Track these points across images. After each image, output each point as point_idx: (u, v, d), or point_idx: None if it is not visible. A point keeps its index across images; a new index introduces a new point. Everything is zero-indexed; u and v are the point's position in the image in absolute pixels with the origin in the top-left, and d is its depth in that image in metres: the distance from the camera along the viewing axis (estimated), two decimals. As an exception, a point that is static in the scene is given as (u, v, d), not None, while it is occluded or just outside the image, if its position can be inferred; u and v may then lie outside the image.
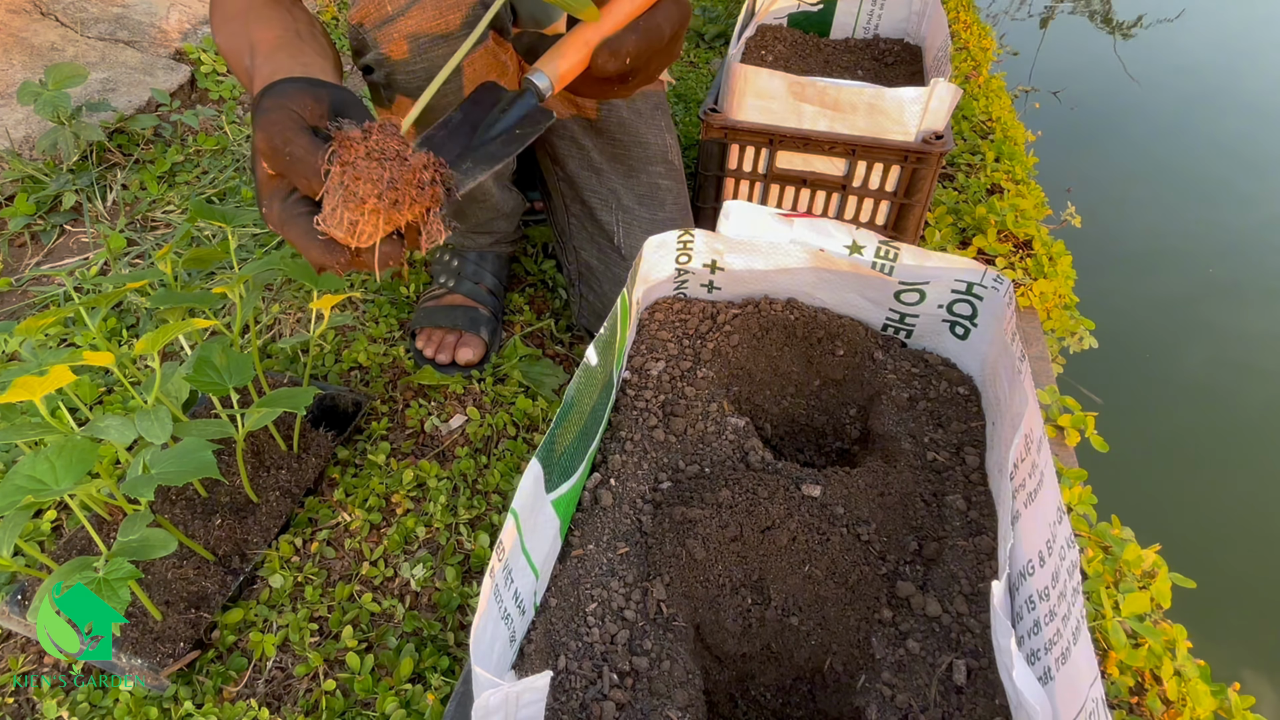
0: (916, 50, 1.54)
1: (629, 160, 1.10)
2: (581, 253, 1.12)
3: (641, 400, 0.74)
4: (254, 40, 0.75)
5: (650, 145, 1.10)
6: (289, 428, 0.96)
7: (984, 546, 0.60)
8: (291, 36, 0.75)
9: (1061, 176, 2.15)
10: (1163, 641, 0.81)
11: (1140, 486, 1.52)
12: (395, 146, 0.49)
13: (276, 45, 0.74)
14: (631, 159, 1.10)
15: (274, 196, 0.55)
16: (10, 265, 1.34)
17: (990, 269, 0.69)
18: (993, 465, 0.65)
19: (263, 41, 0.74)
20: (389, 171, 0.48)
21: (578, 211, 1.12)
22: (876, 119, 1.15)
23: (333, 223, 0.48)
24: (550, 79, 0.58)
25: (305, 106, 0.55)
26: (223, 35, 0.79)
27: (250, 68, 0.73)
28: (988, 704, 0.51)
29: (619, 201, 1.09)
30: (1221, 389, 1.74)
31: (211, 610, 0.81)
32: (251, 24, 0.77)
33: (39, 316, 0.77)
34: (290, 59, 0.70)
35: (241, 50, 0.76)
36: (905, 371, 0.77)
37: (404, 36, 0.85)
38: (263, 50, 0.73)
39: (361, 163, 0.48)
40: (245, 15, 0.78)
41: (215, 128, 1.67)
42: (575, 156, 1.11)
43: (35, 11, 1.83)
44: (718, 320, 0.81)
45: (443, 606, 0.85)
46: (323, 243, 0.51)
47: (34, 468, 0.65)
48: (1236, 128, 2.65)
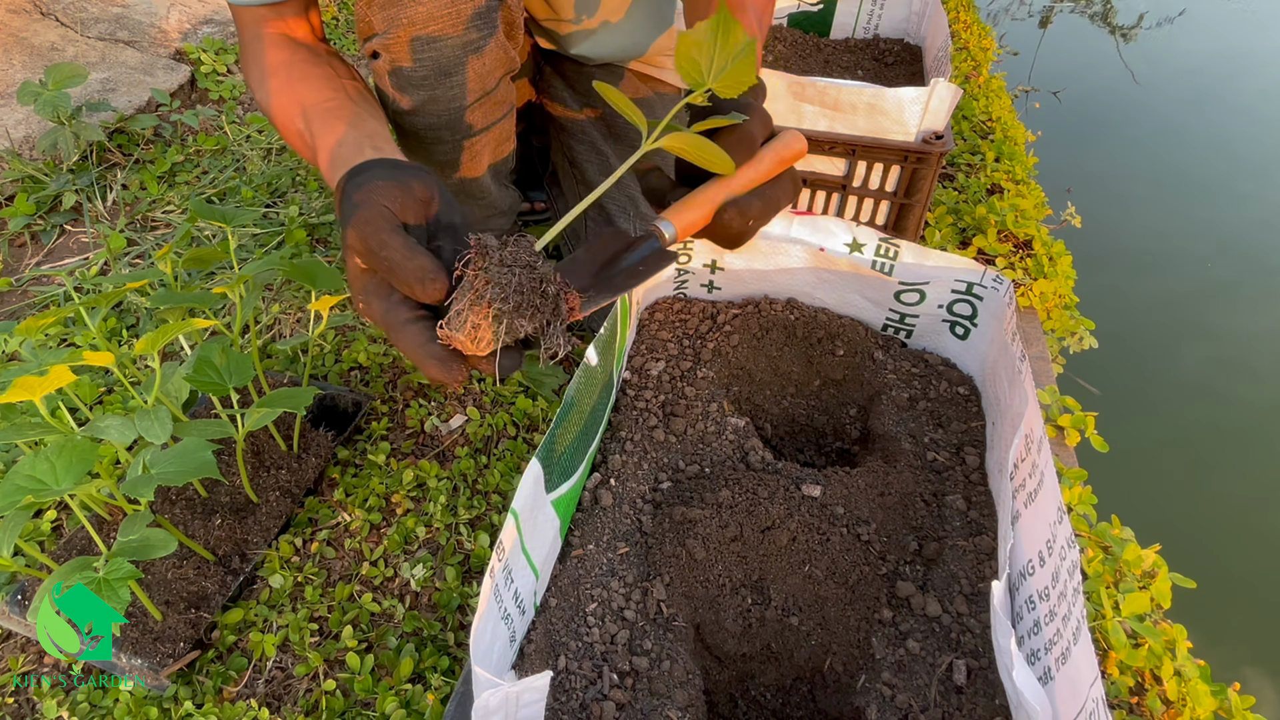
0: (916, 50, 1.54)
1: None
2: None
3: (641, 400, 0.74)
4: (304, 103, 0.72)
5: (668, 153, 1.10)
6: (289, 428, 0.96)
7: (984, 546, 0.60)
8: (343, 99, 0.73)
9: (1061, 176, 2.15)
10: (1163, 641, 0.81)
11: (1140, 486, 1.52)
12: (527, 258, 0.50)
13: (331, 111, 0.71)
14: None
15: (371, 294, 0.53)
16: (10, 265, 1.34)
17: (990, 269, 0.69)
18: (993, 465, 0.65)
19: (315, 106, 0.72)
20: (518, 278, 0.49)
21: (595, 216, 1.12)
22: (876, 119, 1.15)
23: (456, 325, 0.48)
24: (676, 229, 0.60)
25: (395, 201, 0.54)
26: (265, 93, 0.76)
27: (308, 136, 0.71)
28: (988, 704, 0.51)
29: (637, 209, 1.09)
30: (1222, 389, 1.74)
31: (211, 610, 0.81)
32: (296, 83, 0.74)
33: (39, 316, 0.77)
34: (353, 130, 0.68)
35: (290, 113, 0.73)
36: (905, 371, 0.77)
37: (412, 26, 0.83)
38: (317, 115, 0.71)
39: (494, 268, 0.49)
40: (286, 72, 0.75)
41: (215, 128, 1.67)
42: (594, 162, 1.10)
43: (35, 11, 1.83)
44: (718, 320, 0.81)
45: (443, 606, 0.85)
46: (441, 356, 0.49)
47: (34, 468, 0.65)
48: (1237, 127, 2.65)
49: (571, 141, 1.12)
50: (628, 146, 1.09)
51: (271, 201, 1.45)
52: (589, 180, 1.11)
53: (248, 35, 0.81)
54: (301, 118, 0.72)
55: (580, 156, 1.11)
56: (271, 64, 0.76)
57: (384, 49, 0.85)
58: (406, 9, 0.82)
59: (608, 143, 1.10)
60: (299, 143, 0.74)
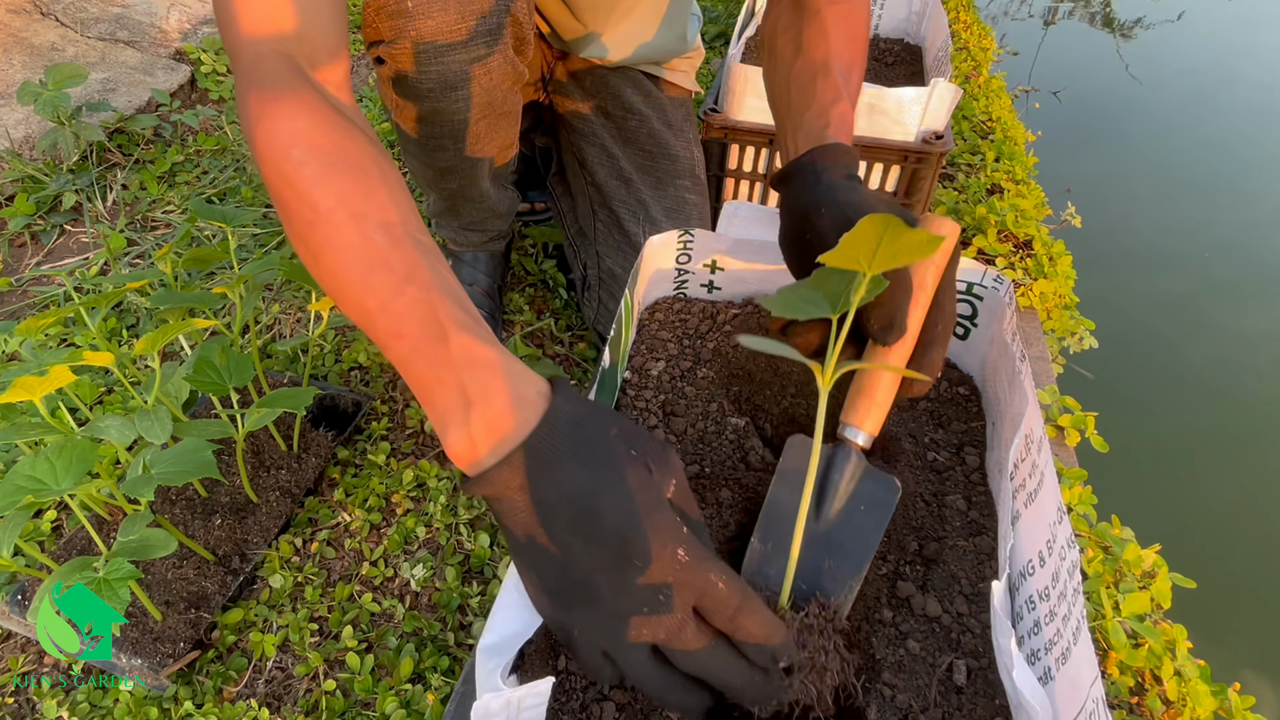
0: (916, 50, 1.54)
1: (657, 172, 1.09)
2: (605, 259, 1.11)
3: (641, 400, 0.74)
4: (385, 219, 0.51)
5: (680, 159, 1.09)
6: (289, 428, 0.96)
7: (984, 546, 0.60)
8: (416, 221, 0.53)
9: (1061, 176, 2.15)
10: (1163, 641, 0.81)
11: (1140, 486, 1.52)
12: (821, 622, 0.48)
13: (424, 256, 0.51)
14: (660, 171, 1.09)
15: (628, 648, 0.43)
16: (10, 265, 1.34)
17: (990, 269, 0.69)
18: (993, 465, 0.65)
19: (394, 224, 0.51)
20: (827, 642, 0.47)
21: (605, 218, 1.11)
22: (876, 119, 1.15)
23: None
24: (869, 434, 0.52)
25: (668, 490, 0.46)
26: (298, 183, 0.51)
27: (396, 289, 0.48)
28: (988, 704, 0.51)
29: (647, 213, 1.08)
30: (1222, 388, 1.74)
31: (211, 610, 0.80)
32: (348, 189, 0.51)
33: (39, 316, 0.77)
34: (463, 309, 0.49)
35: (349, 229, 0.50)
36: (905, 371, 0.76)
37: (419, 38, 0.80)
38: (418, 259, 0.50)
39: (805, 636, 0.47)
40: (334, 169, 0.52)
41: (215, 128, 1.67)
42: (604, 164, 1.10)
43: (35, 11, 1.83)
44: (718, 320, 0.81)
45: (443, 606, 0.85)
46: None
47: (34, 468, 0.65)
48: (1236, 127, 2.65)
49: (582, 143, 1.11)
50: (638, 149, 1.08)
51: (271, 201, 1.45)
52: (599, 183, 1.10)
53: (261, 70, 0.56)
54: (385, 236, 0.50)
55: (590, 158, 1.10)
56: (307, 144, 0.52)
57: (389, 57, 0.84)
58: (415, 21, 0.79)
59: (619, 144, 1.09)
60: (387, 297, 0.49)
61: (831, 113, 0.65)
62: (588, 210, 1.13)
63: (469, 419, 0.46)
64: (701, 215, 1.11)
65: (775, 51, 0.76)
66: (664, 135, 1.08)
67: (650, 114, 1.08)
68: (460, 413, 0.46)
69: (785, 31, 0.74)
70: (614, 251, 1.10)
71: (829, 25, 0.71)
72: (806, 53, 0.70)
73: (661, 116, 1.09)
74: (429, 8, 0.79)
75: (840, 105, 0.65)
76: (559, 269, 1.29)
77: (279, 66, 0.56)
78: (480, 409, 0.46)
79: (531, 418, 0.46)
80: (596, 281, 1.13)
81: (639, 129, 1.08)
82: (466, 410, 0.46)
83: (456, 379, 0.46)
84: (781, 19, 0.77)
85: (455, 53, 0.82)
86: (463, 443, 0.46)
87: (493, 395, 0.46)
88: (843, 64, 0.69)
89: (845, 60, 0.70)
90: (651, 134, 1.07)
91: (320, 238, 0.50)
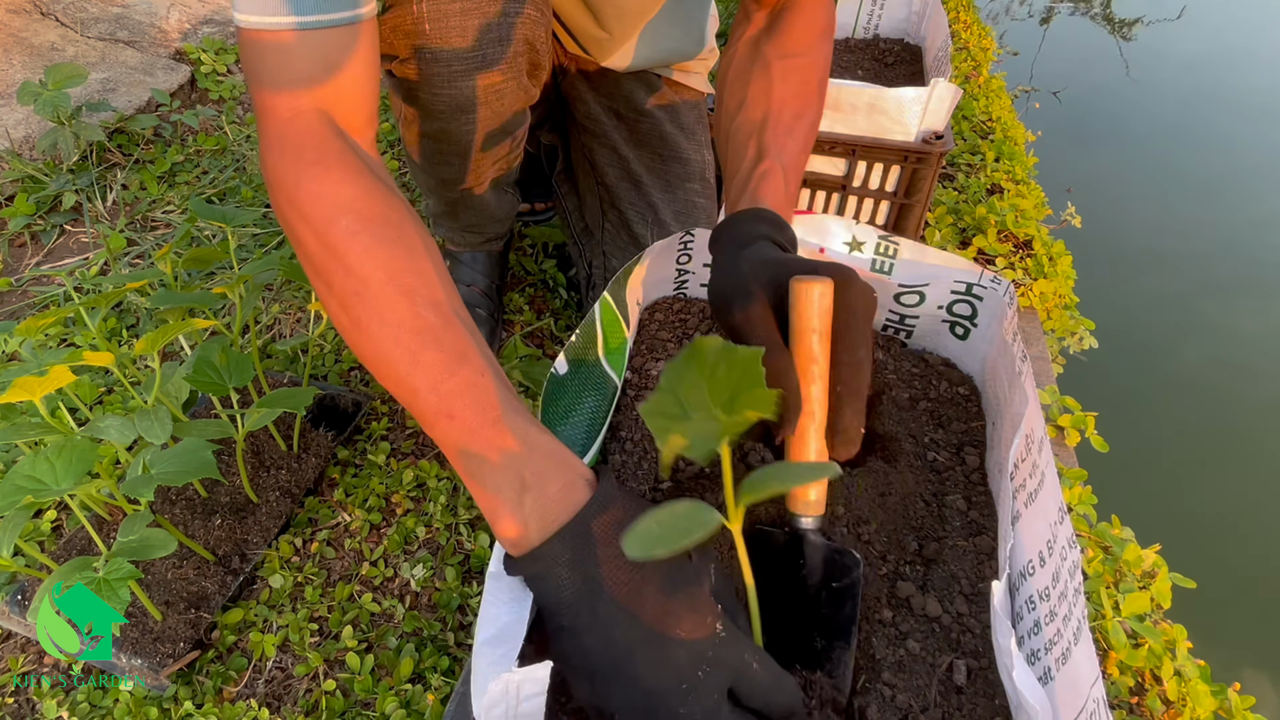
0: (916, 50, 1.54)
1: (667, 175, 1.09)
2: (612, 259, 1.11)
3: (641, 400, 0.74)
4: (434, 297, 0.51)
5: (691, 162, 1.09)
6: (289, 428, 0.96)
7: (984, 546, 0.60)
8: (458, 298, 0.55)
9: (1061, 176, 2.15)
10: (1163, 641, 0.81)
11: (1140, 486, 1.52)
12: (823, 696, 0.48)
13: (472, 336, 0.52)
14: (670, 174, 1.09)
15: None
16: (10, 265, 1.34)
17: (990, 269, 0.69)
18: (993, 465, 0.65)
19: (442, 302, 0.51)
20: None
21: (613, 219, 1.11)
22: (876, 119, 1.15)
23: None
24: (816, 515, 0.52)
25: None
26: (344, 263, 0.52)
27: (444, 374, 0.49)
28: (988, 704, 0.51)
29: (656, 216, 1.07)
30: (1222, 388, 1.74)
31: (211, 610, 0.80)
32: (399, 264, 0.51)
33: (39, 316, 0.77)
34: (512, 393, 0.51)
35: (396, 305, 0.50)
36: (905, 372, 0.77)
37: (435, 62, 0.80)
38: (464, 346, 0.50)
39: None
40: (385, 242, 0.52)
41: (215, 128, 1.67)
42: (615, 165, 1.09)
43: (35, 11, 1.83)
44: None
45: (443, 606, 0.85)
46: None
47: (34, 468, 0.65)
48: (1236, 127, 2.65)
49: (592, 142, 1.10)
50: (650, 152, 1.08)
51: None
52: (608, 183, 1.10)
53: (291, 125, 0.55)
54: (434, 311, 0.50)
55: (600, 158, 1.10)
56: (345, 226, 0.51)
57: (402, 73, 0.83)
58: (431, 43, 0.78)
59: (629, 146, 1.09)
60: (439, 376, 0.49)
61: (757, 174, 0.64)
62: (596, 209, 1.13)
63: (523, 502, 0.47)
64: (710, 219, 1.10)
65: (721, 102, 0.76)
66: (675, 138, 1.08)
67: (662, 116, 1.07)
68: (515, 496, 0.47)
69: (734, 82, 0.74)
70: (620, 252, 1.10)
71: (775, 79, 0.70)
72: (747, 108, 0.69)
73: (674, 119, 1.08)
74: (446, 32, 0.78)
75: (765, 164, 0.64)
76: (559, 269, 1.29)
77: (319, 126, 0.55)
78: (536, 494, 0.47)
79: (581, 501, 0.47)
80: (601, 281, 1.13)
81: (651, 131, 1.07)
82: (521, 494, 0.47)
83: (512, 464, 0.47)
84: (733, 66, 0.75)
85: (469, 78, 0.82)
86: (516, 527, 0.47)
87: (549, 479, 0.47)
88: (788, 116, 0.68)
89: (792, 111, 0.69)
90: (663, 136, 1.07)
91: (368, 310, 0.50)
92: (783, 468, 0.46)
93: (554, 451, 0.49)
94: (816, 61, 0.72)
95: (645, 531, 0.39)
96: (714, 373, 0.42)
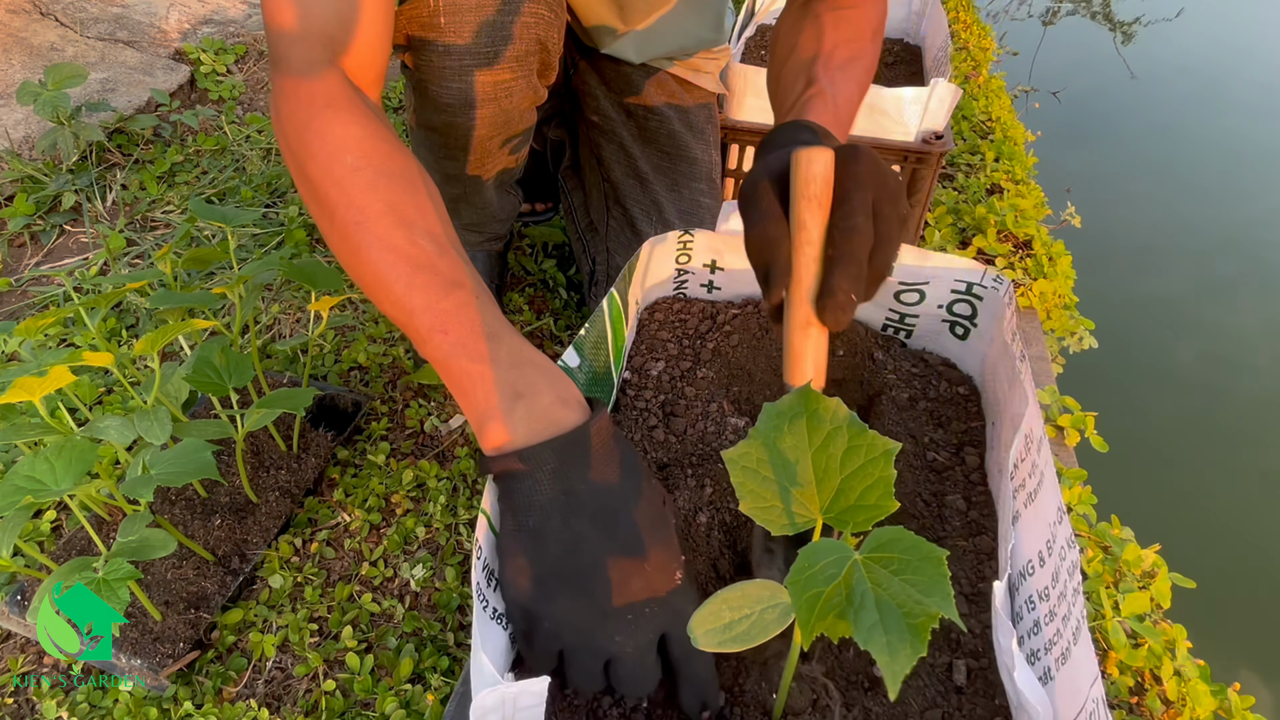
0: (916, 50, 1.54)
1: (674, 174, 1.09)
2: (615, 256, 1.11)
3: (641, 400, 0.74)
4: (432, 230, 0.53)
5: (698, 162, 1.09)
6: (289, 428, 0.96)
7: (984, 546, 0.60)
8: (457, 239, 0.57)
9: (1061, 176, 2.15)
10: (1163, 641, 0.81)
11: (1140, 486, 1.52)
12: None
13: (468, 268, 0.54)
14: (677, 173, 1.08)
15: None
16: (10, 265, 1.34)
17: (990, 269, 0.69)
18: (993, 465, 0.65)
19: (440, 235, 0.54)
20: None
21: (618, 215, 1.11)
22: (876, 119, 1.15)
23: None
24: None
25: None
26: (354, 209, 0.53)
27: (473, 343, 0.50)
28: (988, 704, 0.51)
29: (661, 214, 1.07)
30: (1222, 387, 1.74)
31: (211, 610, 0.80)
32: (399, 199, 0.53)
33: (39, 317, 0.77)
34: (503, 317, 0.53)
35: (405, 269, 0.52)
36: (905, 371, 0.77)
37: (447, 56, 0.80)
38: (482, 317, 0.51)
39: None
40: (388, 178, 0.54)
41: (215, 128, 1.67)
42: (621, 162, 1.09)
43: (35, 11, 1.83)
44: (718, 320, 0.81)
45: (442, 607, 0.85)
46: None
47: (34, 468, 0.65)
48: (1236, 126, 2.65)
49: (601, 139, 1.10)
50: (658, 150, 1.08)
51: (271, 201, 1.45)
52: (614, 181, 1.10)
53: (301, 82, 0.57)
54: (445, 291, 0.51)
55: (608, 155, 1.10)
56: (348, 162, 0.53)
57: (415, 65, 0.84)
58: (445, 37, 0.79)
59: (637, 143, 1.09)
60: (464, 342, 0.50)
61: (804, 98, 0.64)
62: (601, 206, 1.13)
63: (514, 410, 0.48)
64: (714, 220, 1.10)
65: (774, 54, 0.78)
66: (684, 137, 1.08)
67: (672, 115, 1.07)
68: (507, 403, 0.48)
69: (785, 35, 0.75)
70: (624, 249, 1.10)
71: (826, 26, 0.71)
72: (798, 51, 0.71)
73: (683, 118, 1.08)
74: (461, 28, 0.79)
75: (814, 89, 0.64)
76: (559, 269, 1.29)
77: (332, 75, 0.57)
78: (528, 402, 0.48)
79: (575, 417, 0.48)
80: (605, 278, 1.13)
81: (659, 129, 1.07)
82: (514, 402, 0.48)
83: (505, 374, 0.49)
84: (784, 23, 0.78)
85: (480, 74, 0.83)
86: (505, 433, 0.48)
87: (541, 391, 0.49)
88: (840, 58, 0.68)
89: (844, 55, 0.69)
90: (671, 135, 1.07)
91: (367, 236, 0.52)
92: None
93: (548, 368, 0.51)
94: (868, 15, 0.73)
95: (714, 615, 0.37)
96: (826, 446, 0.37)
